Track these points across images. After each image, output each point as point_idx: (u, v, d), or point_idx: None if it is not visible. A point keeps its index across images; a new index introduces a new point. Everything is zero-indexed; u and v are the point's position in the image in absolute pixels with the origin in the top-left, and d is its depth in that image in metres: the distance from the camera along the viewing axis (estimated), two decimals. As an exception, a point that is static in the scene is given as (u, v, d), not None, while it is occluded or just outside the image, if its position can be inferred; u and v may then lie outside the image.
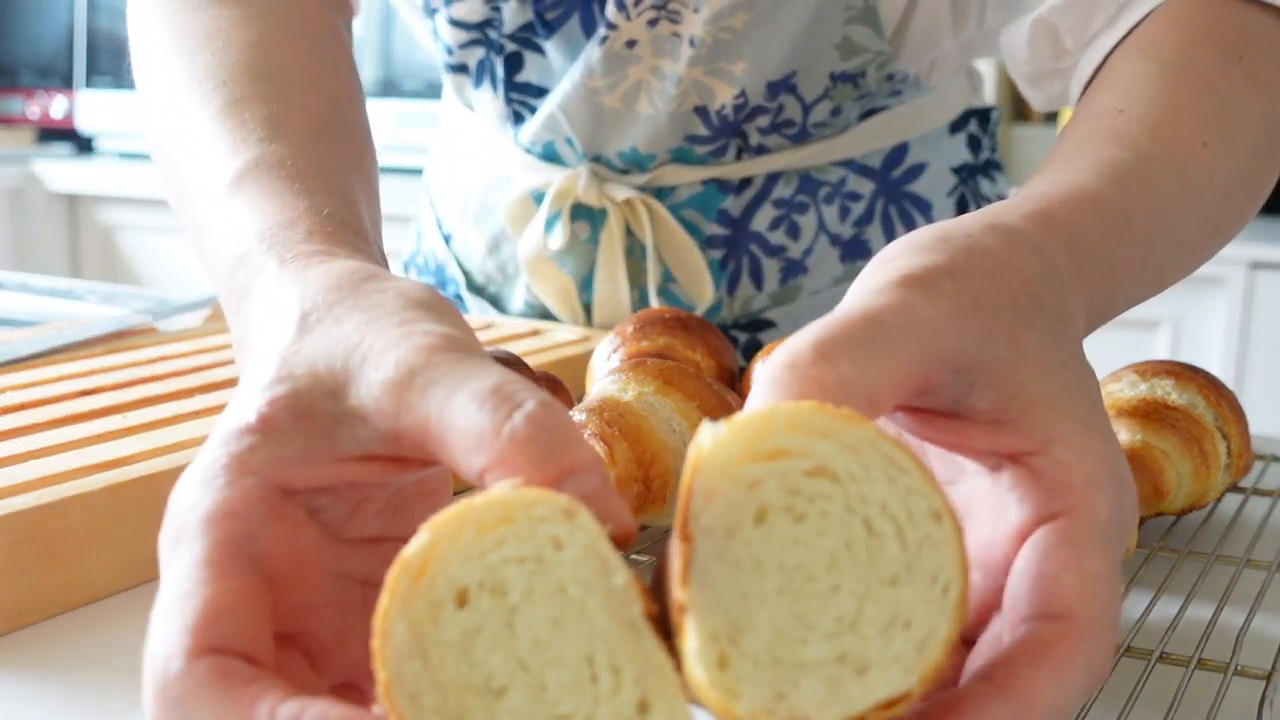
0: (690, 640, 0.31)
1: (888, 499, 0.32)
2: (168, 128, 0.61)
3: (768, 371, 0.36)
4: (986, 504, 0.40)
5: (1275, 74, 0.64)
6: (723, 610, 0.31)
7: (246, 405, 0.37)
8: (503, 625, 0.31)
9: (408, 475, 0.39)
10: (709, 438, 0.33)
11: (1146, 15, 0.67)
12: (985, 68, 0.96)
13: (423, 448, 0.36)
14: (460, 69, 0.91)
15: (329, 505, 0.39)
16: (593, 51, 0.82)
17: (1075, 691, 0.34)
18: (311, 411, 0.37)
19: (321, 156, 0.55)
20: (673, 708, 0.31)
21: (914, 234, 0.42)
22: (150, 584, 0.58)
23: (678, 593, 0.31)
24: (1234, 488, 0.68)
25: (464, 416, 0.35)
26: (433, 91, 2.55)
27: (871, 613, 0.31)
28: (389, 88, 2.61)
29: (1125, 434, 0.63)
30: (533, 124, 0.89)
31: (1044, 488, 0.37)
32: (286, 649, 0.37)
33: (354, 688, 0.39)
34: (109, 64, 2.98)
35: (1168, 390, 0.65)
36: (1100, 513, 0.37)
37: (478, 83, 0.91)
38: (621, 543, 0.34)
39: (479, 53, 0.88)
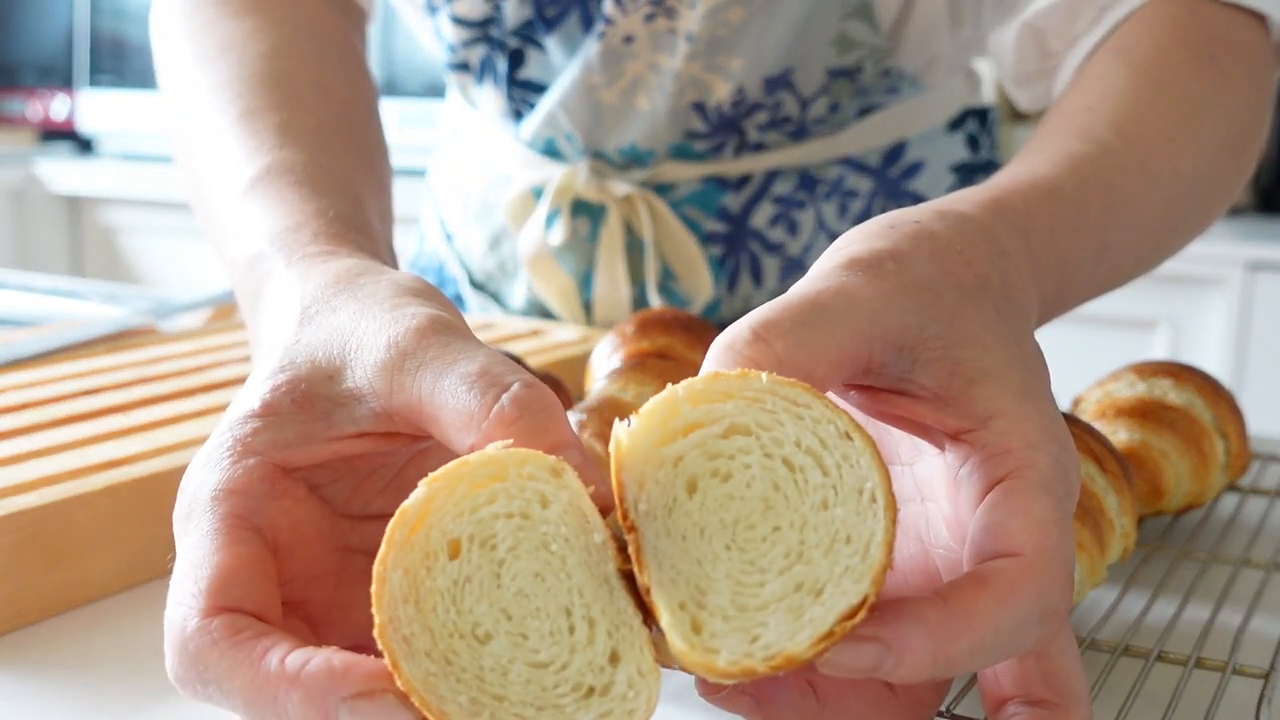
0: (663, 616, 0.33)
1: (799, 435, 0.35)
2: (190, 135, 0.64)
3: (710, 353, 0.38)
4: (944, 482, 0.41)
5: (1247, 74, 0.65)
6: (683, 580, 0.34)
7: (252, 393, 0.40)
8: (490, 576, 0.34)
9: (401, 449, 0.42)
10: (623, 433, 0.35)
11: (1127, 16, 0.67)
12: (984, 68, 0.97)
13: (414, 424, 0.39)
14: (463, 67, 0.91)
15: (332, 483, 0.42)
16: (591, 47, 0.83)
17: (1020, 616, 0.35)
18: (310, 396, 0.40)
19: (330, 160, 0.58)
20: (640, 660, 0.33)
21: (866, 223, 0.44)
22: (151, 583, 0.59)
23: (640, 578, 0.34)
24: (1231, 487, 0.68)
25: (454, 398, 0.37)
26: (433, 91, 2.56)
27: (813, 539, 0.34)
28: (389, 87, 2.61)
29: (1124, 433, 0.63)
30: (533, 120, 0.90)
31: (987, 458, 0.38)
32: (289, 615, 0.40)
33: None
34: (111, 64, 2.98)
35: (1166, 390, 0.65)
36: (1042, 469, 0.37)
37: (480, 80, 0.91)
38: (600, 510, 0.36)
39: (481, 50, 0.88)
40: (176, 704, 0.48)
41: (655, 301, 0.91)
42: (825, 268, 0.41)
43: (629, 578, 0.35)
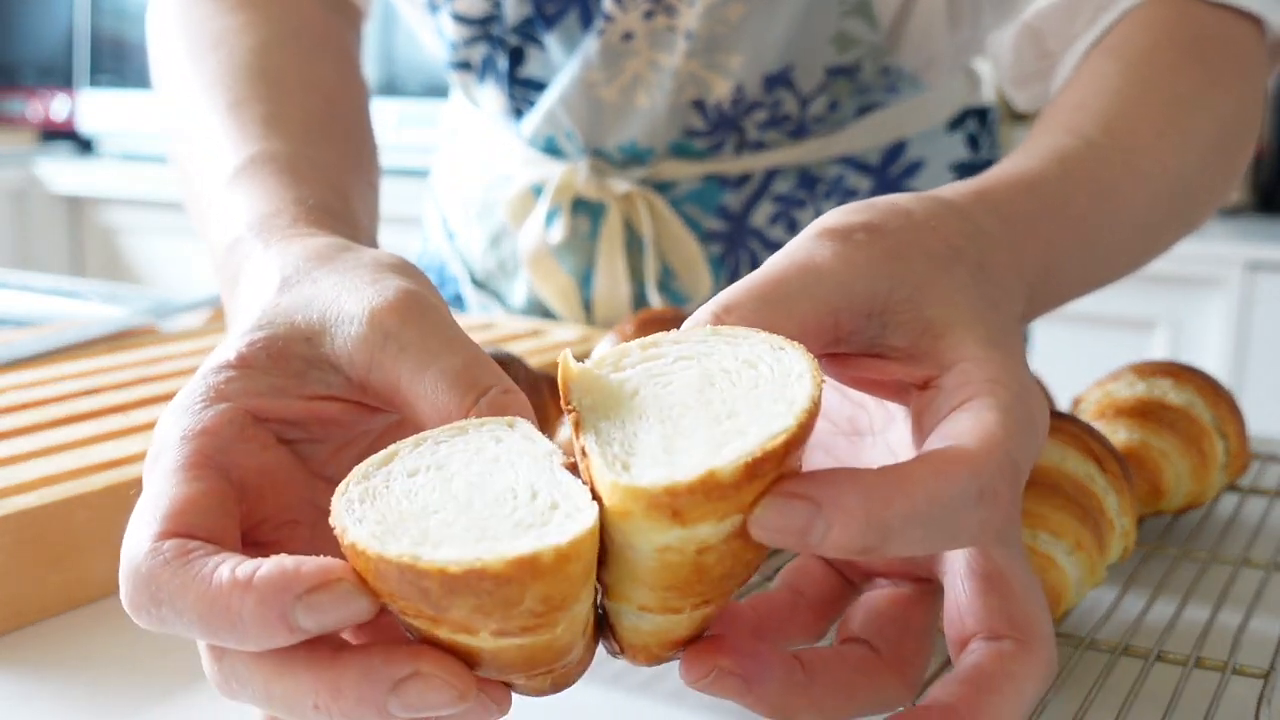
0: (594, 461, 0.33)
1: (736, 354, 0.36)
2: (182, 129, 0.65)
3: None
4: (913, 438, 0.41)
5: (1237, 74, 0.65)
6: (617, 442, 0.34)
7: (228, 346, 0.41)
8: (443, 483, 0.35)
9: (370, 419, 0.42)
10: (573, 365, 0.36)
11: (1121, 16, 0.68)
12: (984, 68, 0.97)
13: (388, 402, 0.40)
14: (465, 66, 0.91)
15: (309, 442, 0.42)
16: (590, 45, 0.83)
17: (957, 491, 0.34)
18: (286, 353, 0.40)
19: (314, 152, 0.58)
20: (580, 501, 0.33)
21: (850, 204, 0.44)
22: (151, 583, 0.59)
23: (576, 443, 0.35)
24: (1231, 487, 0.68)
25: (433, 391, 0.38)
26: (433, 91, 2.56)
27: (742, 406, 0.34)
28: (389, 87, 2.61)
29: (1124, 433, 0.63)
30: (534, 118, 0.90)
31: (947, 392, 0.38)
32: (259, 555, 0.40)
33: None
34: (111, 64, 2.98)
35: (1166, 390, 0.65)
36: (1001, 397, 0.37)
37: (482, 79, 0.92)
38: None
39: (483, 49, 0.89)
40: (176, 704, 0.48)
41: (655, 300, 0.91)
42: (798, 241, 0.41)
43: (574, 470, 0.35)
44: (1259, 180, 2.32)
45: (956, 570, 0.39)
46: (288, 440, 0.41)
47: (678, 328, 0.70)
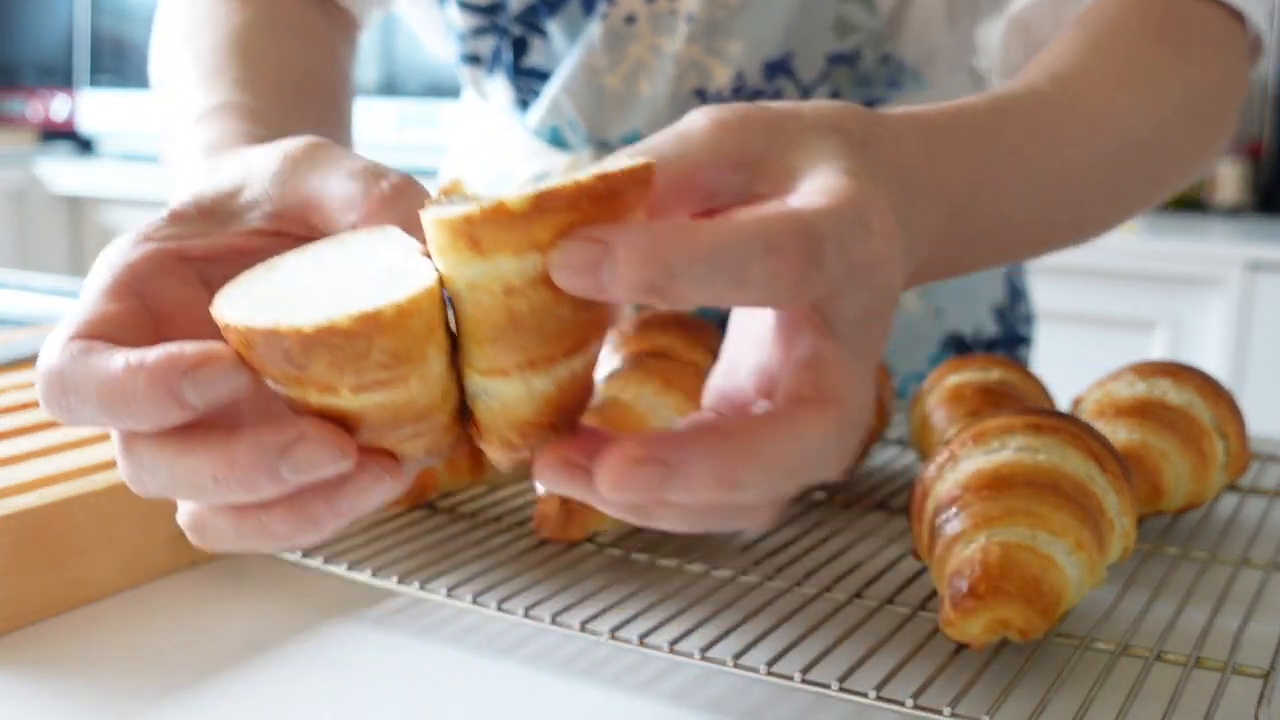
0: (426, 218, 0.36)
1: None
2: (169, 100, 0.69)
3: None
4: None
5: (1206, 53, 0.67)
6: (455, 210, 0.36)
7: (161, 208, 0.44)
8: (315, 273, 0.38)
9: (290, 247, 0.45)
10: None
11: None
12: (984, 66, 0.98)
13: (304, 220, 0.43)
14: (474, 60, 0.92)
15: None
16: (593, 29, 0.84)
17: (743, 238, 0.35)
18: (214, 208, 0.44)
19: (279, 110, 0.63)
20: (424, 274, 0.36)
21: None
22: (152, 583, 0.59)
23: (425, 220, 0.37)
24: (1231, 487, 0.68)
25: (339, 187, 0.42)
26: (433, 91, 2.56)
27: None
28: (390, 87, 2.61)
29: (1124, 433, 0.63)
30: (538, 108, 0.91)
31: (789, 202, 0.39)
32: None
33: None
34: (111, 64, 2.98)
35: (1166, 390, 0.65)
36: (830, 192, 0.38)
37: (491, 71, 0.92)
38: None
39: (490, 40, 0.90)
40: (176, 704, 0.48)
41: (655, 300, 0.91)
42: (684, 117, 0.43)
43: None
44: (1259, 180, 2.32)
45: (788, 359, 0.40)
46: (212, 283, 0.43)
47: (678, 327, 0.71)
